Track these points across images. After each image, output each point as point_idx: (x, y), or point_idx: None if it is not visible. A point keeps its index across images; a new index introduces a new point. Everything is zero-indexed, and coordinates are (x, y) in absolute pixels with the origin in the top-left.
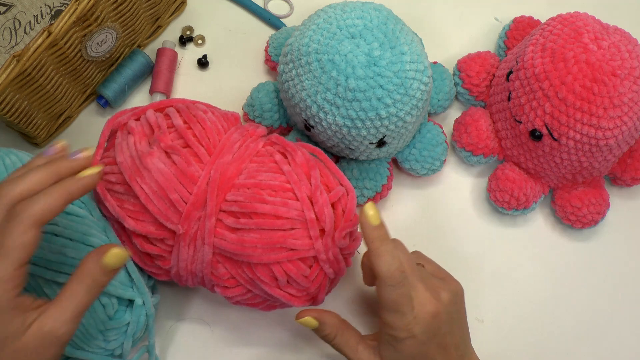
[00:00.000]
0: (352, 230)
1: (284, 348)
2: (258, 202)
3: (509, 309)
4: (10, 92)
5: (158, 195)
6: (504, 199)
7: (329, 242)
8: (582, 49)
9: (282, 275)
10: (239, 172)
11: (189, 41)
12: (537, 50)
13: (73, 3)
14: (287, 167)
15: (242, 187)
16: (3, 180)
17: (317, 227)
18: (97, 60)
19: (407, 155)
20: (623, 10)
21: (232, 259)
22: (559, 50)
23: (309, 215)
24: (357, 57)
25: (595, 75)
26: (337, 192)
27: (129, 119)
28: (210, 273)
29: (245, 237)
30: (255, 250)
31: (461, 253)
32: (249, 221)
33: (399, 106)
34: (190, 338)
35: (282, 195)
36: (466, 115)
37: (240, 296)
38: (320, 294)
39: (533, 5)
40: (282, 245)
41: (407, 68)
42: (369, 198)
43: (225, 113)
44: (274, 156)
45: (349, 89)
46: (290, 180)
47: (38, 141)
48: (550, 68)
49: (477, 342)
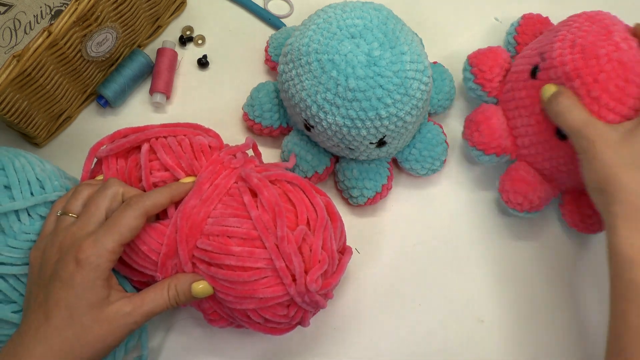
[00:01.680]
0: (326, 269)
1: (284, 348)
2: (224, 254)
3: (509, 309)
4: (10, 92)
5: (130, 248)
6: (517, 200)
7: (303, 288)
8: (614, 47)
9: (258, 318)
10: (207, 216)
11: (189, 41)
12: (565, 46)
13: (73, 3)
14: (255, 213)
15: (212, 235)
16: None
17: (288, 274)
18: (97, 60)
19: (407, 155)
20: (626, 9)
21: (214, 297)
22: (590, 46)
23: (278, 264)
24: (357, 57)
25: (628, 76)
26: (299, 233)
27: (109, 153)
28: (197, 305)
29: (217, 283)
30: (227, 297)
31: (461, 253)
32: (218, 271)
33: (399, 106)
34: (189, 338)
35: (250, 244)
36: (478, 112)
37: (227, 325)
38: (304, 322)
39: (533, 5)
40: (253, 296)
41: (407, 68)
42: (369, 198)
43: (201, 143)
44: (243, 197)
45: (349, 89)
46: (257, 227)
47: (38, 141)
48: (582, 65)
49: (477, 342)
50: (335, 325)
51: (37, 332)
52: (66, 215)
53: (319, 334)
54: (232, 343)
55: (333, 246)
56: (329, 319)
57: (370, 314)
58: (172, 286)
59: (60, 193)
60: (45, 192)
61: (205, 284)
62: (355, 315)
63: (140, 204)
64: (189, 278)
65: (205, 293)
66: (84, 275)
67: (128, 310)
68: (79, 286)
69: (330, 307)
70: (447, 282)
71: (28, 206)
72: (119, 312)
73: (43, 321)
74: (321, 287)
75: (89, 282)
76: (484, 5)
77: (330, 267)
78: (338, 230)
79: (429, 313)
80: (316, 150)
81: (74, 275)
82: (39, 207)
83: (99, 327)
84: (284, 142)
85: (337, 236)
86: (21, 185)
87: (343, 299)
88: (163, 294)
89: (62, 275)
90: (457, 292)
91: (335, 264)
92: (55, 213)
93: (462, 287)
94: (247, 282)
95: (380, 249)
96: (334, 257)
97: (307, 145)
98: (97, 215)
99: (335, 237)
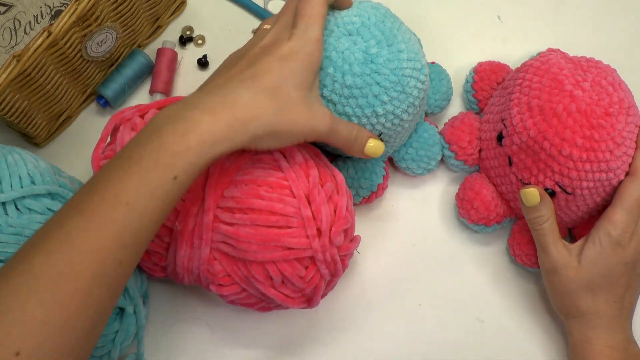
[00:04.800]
0: (347, 229)
1: (284, 349)
2: (254, 198)
3: (509, 309)
4: (10, 92)
5: None
6: (529, 261)
7: (326, 242)
8: (569, 98)
9: (277, 275)
10: (238, 169)
11: (189, 41)
12: (523, 110)
13: (73, 3)
14: (285, 164)
15: (240, 184)
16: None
17: (314, 225)
18: (97, 60)
19: (404, 155)
20: (622, 4)
21: (229, 255)
22: (547, 105)
23: (305, 213)
24: (354, 54)
25: (591, 122)
26: (328, 189)
27: (133, 115)
28: (206, 270)
29: (240, 231)
30: (250, 247)
31: (460, 252)
32: (243, 216)
33: (396, 104)
34: (189, 338)
35: (279, 192)
36: (467, 189)
37: (235, 295)
38: (315, 296)
39: (534, 5)
40: (277, 243)
41: (404, 66)
42: (365, 197)
43: None
44: (274, 154)
45: (345, 86)
46: (288, 177)
47: (38, 141)
48: (545, 127)
49: (477, 342)
50: (335, 325)
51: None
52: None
53: (318, 334)
54: (231, 342)
55: (353, 212)
56: (328, 319)
57: (370, 314)
58: (357, 130)
59: (52, 188)
60: (35, 187)
61: (376, 142)
62: (355, 315)
63: None
64: (368, 133)
65: (377, 149)
66: (298, 59)
67: (328, 113)
68: (293, 64)
69: (330, 307)
70: (447, 282)
71: (15, 197)
72: (321, 108)
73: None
74: (342, 247)
75: (303, 65)
76: (484, 5)
77: (350, 230)
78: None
79: (429, 313)
80: None
81: (290, 55)
82: (28, 199)
83: (302, 106)
84: None
85: (352, 208)
86: (11, 179)
87: (343, 299)
88: (351, 129)
89: (275, 52)
90: (457, 292)
91: (354, 232)
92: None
93: (462, 287)
94: (273, 228)
95: (379, 248)
96: (353, 223)
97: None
98: (287, 18)
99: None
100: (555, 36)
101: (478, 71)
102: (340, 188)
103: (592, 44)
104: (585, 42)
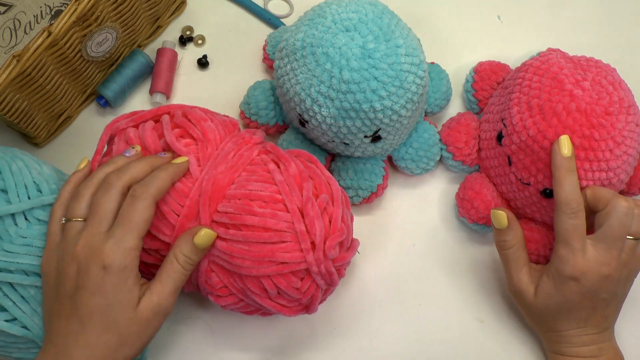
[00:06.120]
0: (342, 240)
1: (284, 349)
2: (247, 214)
3: (509, 309)
4: (10, 92)
5: None
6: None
7: (321, 255)
8: (569, 97)
9: (272, 288)
10: (231, 182)
11: (189, 41)
12: (523, 110)
13: (73, 3)
14: (279, 177)
15: (233, 198)
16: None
17: (308, 239)
18: (97, 60)
19: (403, 155)
20: (622, 4)
21: (224, 268)
22: (546, 105)
23: (299, 227)
24: (351, 49)
25: (591, 121)
26: (322, 201)
27: (127, 125)
28: (204, 282)
29: (234, 247)
30: (243, 262)
31: (459, 252)
32: (237, 232)
33: (394, 99)
34: (189, 339)
35: (272, 207)
36: (466, 189)
37: (233, 305)
38: (313, 304)
39: (533, 5)
40: (271, 259)
41: (402, 61)
42: (364, 198)
43: (223, 120)
44: (268, 165)
45: (343, 81)
46: (282, 190)
47: (38, 141)
48: (545, 126)
49: (477, 342)
50: (335, 325)
51: (77, 340)
52: (71, 221)
53: (318, 334)
54: (232, 343)
55: (349, 221)
56: (328, 319)
57: (370, 313)
58: (178, 253)
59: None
60: (42, 195)
61: (205, 230)
62: (355, 315)
63: (147, 194)
64: (188, 236)
65: (208, 238)
66: (114, 280)
67: (156, 300)
68: (110, 292)
69: (330, 307)
70: (447, 282)
71: (25, 209)
72: (149, 306)
73: (79, 329)
74: (337, 258)
75: (121, 285)
76: (484, 5)
77: (346, 240)
78: (348, 212)
79: (429, 313)
80: (312, 149)
81: (104, 282)
82: (36, 210)
83: (137, 326)
84: (280, 140)
85: (348, 215)
86: (18, 189)
87: (343, 299)
88: (174, 266)
89: (89, 285)
90: (457, 292)
91: (350, 240)
92: (58, 220)
93: (462, 287)
94: (266, 244)
95: (379, 248)
96: (350, 232)
97: (302, 143)
98: (107, 216)
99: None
100: (555, 36)
101: (478, 71)
102: (335, 198)
103: (592, 43)
104: (585, 42)
